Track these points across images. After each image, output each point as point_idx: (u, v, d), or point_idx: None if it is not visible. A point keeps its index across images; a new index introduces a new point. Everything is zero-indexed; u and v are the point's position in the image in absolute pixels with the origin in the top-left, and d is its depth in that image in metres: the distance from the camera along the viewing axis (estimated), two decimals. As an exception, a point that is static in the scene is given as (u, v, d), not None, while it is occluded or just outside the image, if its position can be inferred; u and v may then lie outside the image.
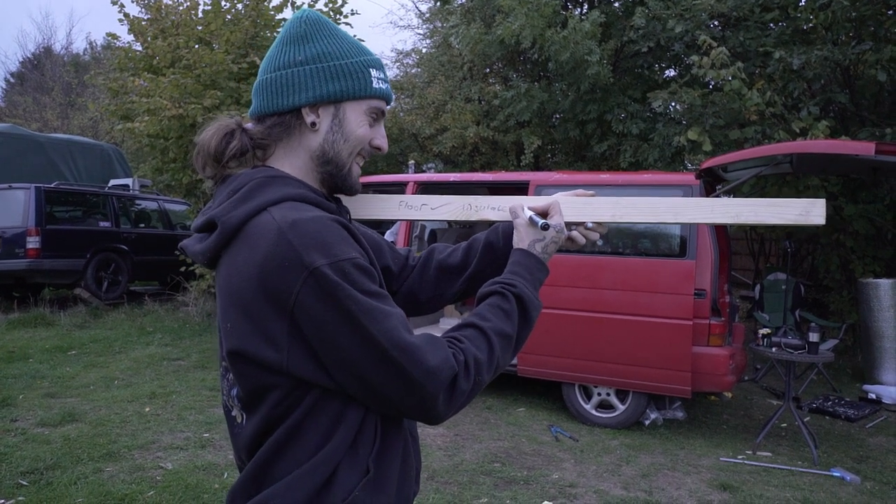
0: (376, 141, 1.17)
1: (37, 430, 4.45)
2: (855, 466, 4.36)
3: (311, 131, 1.12)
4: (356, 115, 1.12)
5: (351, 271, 0.96)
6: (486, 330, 1.08)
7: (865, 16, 6.63)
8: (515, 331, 1.12)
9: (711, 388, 4.75)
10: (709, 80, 7.18)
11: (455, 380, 1.00)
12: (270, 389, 1.00)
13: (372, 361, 0.96)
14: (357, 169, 1.17)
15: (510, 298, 1.14)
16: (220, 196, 1.08)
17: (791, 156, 4.71)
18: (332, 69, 1.10)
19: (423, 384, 0.97)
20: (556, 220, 1.25)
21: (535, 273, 1.21)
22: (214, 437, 4.45)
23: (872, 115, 7.36)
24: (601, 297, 4.94)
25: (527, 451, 4.45)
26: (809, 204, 1.22)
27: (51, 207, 9.10)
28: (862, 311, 6.62)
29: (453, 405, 1.01)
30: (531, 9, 8.17)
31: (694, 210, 1.29)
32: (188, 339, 7.76)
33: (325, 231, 0.98)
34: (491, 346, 1.07)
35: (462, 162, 11.15)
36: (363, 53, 1.14)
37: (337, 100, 1.11)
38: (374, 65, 1.14)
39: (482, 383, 1.05)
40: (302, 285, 0.94)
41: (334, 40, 1.13)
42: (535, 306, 1.17)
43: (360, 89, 1.11)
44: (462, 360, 1.02)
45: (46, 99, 23.54)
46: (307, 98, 1.10)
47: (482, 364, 1.04)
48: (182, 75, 8.11)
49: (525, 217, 1.25)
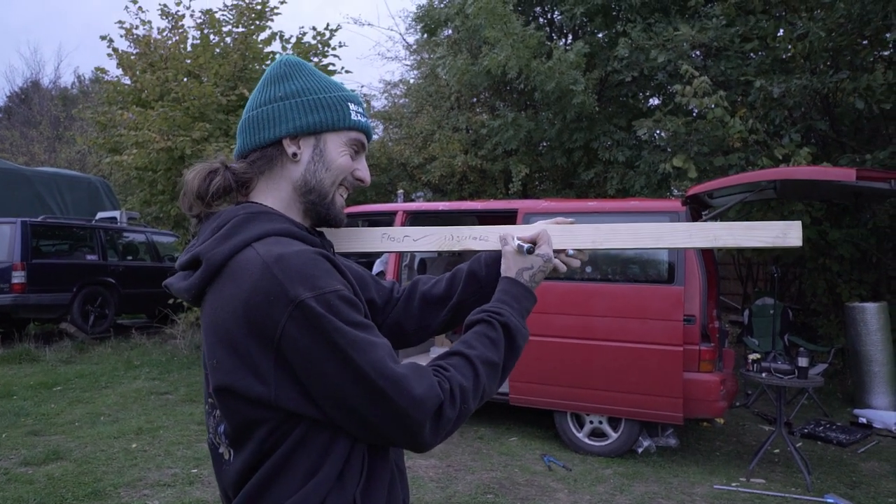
0: (358, 172, 1.19)
1: (20, 470, 4.36)
2: (849, 492, 4.34)
3: (293, 162, 1.14)
4: (336, 145, 1.15)
5: (336, 303, 0.97)
6: (472, 358, 1.09)
7: (841, 46, 6.80)
8: (502, 359, 1.13)
9: (703, 414, 4.74)
10: (692, 108, 7.31)
11: (441, 408, 1.01)
12: (259, 424, 1.00)
13: (359, 392, 0.97)
14: (340, 200, 1.19)
15: (496, 327, 1.15)
16: (205, 233, 1.09)
17: (775, 182, 4.78)
18: (311, 102, 1.14)
19: (409, 413, 0.97)
20: (545, 249, 1.26)
21: (522, 301, 1.22)
22: (203, 472, 4.37)
23: (852, 141, 7.49)
24: (591, 324, 4.94)
25: (520, 481, 4.40)
26: (786, 226, 1.24)
27: (37, 241, 9.02)
28: (850, 335, 6.66)
29: (440, 433, 1.02)
30: (516, 40, 8.31)
31: (674, 235, 1.30)
32: (176, 373, 7.67)
33: (309, 264, 0.99)
34: (477, 374, 1.07)
35: (451, 190, 11.21)
36: (341, 89, 1.19)
37: (317, 131, 1.14)
38: (352, 99, 1.18)
39: (468, 411, 1.06)
40: (288, 318, 0.94)
41: (313, 78, 1.18)
42: (522, 335, 1.18)
43: (338, 120, 1.15)
44: (448, 388, 1.03)
45: (34, 133, 23.51)
46: (287, 129, 1.13)
47: (468, 392, 1.05)
48: (171, 108, 8.15)
49: (514, 245, 1.26)
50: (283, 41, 9.79)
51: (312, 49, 9.72)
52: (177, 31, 9.60)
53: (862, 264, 7.70)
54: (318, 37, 9.76)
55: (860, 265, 7.69)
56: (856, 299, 7.19)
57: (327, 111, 1.14)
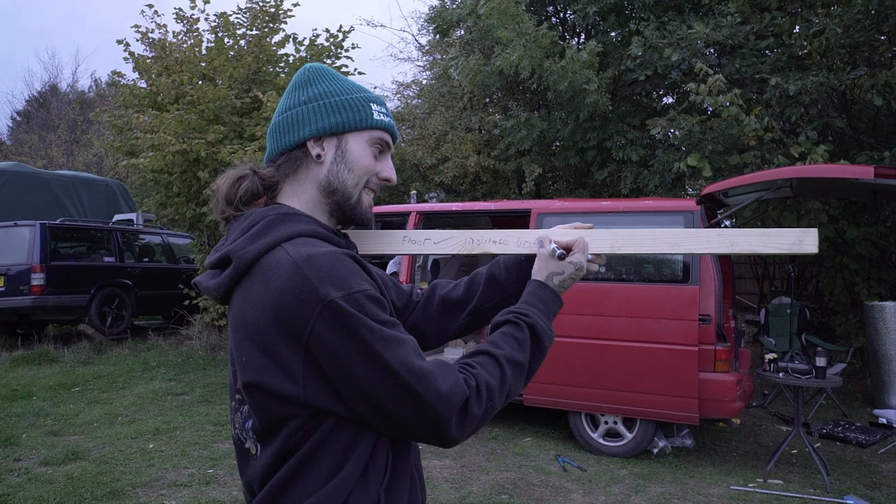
0: (384, 173, 1.20)
1: (40, 470, 4.42)
2: (868, 494, 4.29)
3: (317, 164, 1.16)
4: (359, 145, 1.17)
5: (364, 302, 1.00)
6: (499, 357, 1.11)
7: (859, 42, 6.72)
8: (528, 359, 1.15)
9: (719, 414, 4.70)
10: (706, 106, 7.24)
11: (467, 403, 1.03)
12: (287, 420, 1.03)
13: (386, 387, 0.99)
14: (367, 199, 1.20)
15: (523, 328, 1.16)
16: (234, 233, 1.12)
17: (791, 180, 4.74)
18: (333, 104, 1.16)
19: (436, 408, 0.99)
20: (578, 257, 1.27)
21: (549, 304, 1.24)
22: (219, 473, 4.41)
23: (870, 138, 7.40)
24: (606, 324, 4.92)
25: (534, 482, 4.40)
26: (802, 233, 1.24)
27: (55, 244, 9.14)
28: (868, 335, 6.58)
29: (466, 428, 1.04)
30: (529, 40, 8.30)
31: (691, 241, 1.31)
32: (192, 374, 7.73)
33: (338, 265, 1.01)
34: (503, 373, 1.10)
35: (464, 191, 11.21)
36: (364, 91, 1.21)
37: (339, 131, 1.16)
38: (374, 100, 1.20)
39: (494, 408, 1.08)
40: (317, 317, 0.97)
41: (336, 81, 1.21)
42: (548, 336, 1.20)
43: (360, 120, 1.17)
44: (474, 384, 1.05)
45: (52, 136, 23.78)
46: (310, 131, 1.15)
47: (494, 390, 1.07)
48: (186, 111, 8.22)
49: (549, 248, 1.28)
50: (297, 43, 9.84)
51: (326, 51, 9.76)
52: (192, 34, 9.68)
53: (880, 262, 7.61)
54: (332, 39, 9.80)
55: (878, 263, 7.59)
56: (874, 298, 7.10)
57: (348, 112, 1.16)
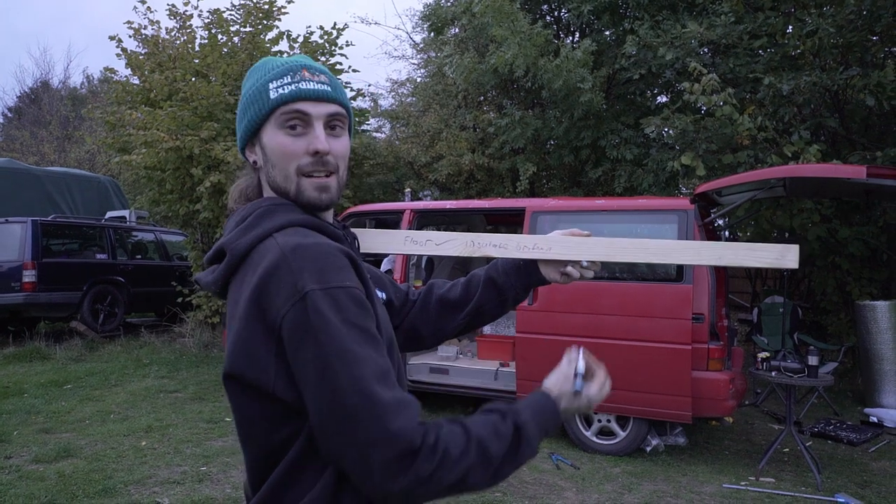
0: (310, 146, 1.06)
1: (31, 467, 4.39)
2: (859, 492, 4.32)
3: (260, 170, 1.14)
4: (270, 136, 1.08)
5: (342, 299, 0.94)
6: (472, 435, 0.98)
7: (852, 42, 6.74)
8: (499, 456, 0.99)
9: (712, 413, 4.72)
10: (700, 105, 7.27)
11: (414, 455, 0.90)
12: (260, 419, 0.99)
13: (330, 403, 0.91)
14: (307, 184, 1.08)
15: (509, 424, 1.03)
16: (229, 226, 1.12)
17: (784, 179, 4.76)
18: (243, 107, 1.12)
19: (373, 444, 0.89)
20: (593, 391, 1.16)
21: (546, 420, 1.10)
22: (212, 470, 4.39)
23: (863, 138, 7.44)
24: (599, 323, 4.93)
25: (528, 479, 4.40)
26: (785, 249, 1.34)
27: (47, 241, 9.09)
28: (860, 334, 6.61)
29: (401, 483, 0.90)
30: (524, 38, 8.29)
31: (682, 252, 1.41)
32: (185, 371, 7.70)
33: (324, 257, 0.97)
34: (467, 450, 0.96)
35: (458, 189, 11.21)
36: (268, 72, 1.10)
37: (253, 132, 1.11)
38: (275, 77, 1.08)
39: (441, 482, 0.92)
40: (291, 307, 0.93)
41: (252, 76, 1.14)
42: (530, 447, 1.05)
43: (259, 110, 1.08)
44: (432, 442, 0.92)
45: (44, 133, 23.65)
46: (240, 144, 1.16)
47: (451, 458, 0.93)
48: (179, 108, 8.19)
49: (573, 369, 1.17)
50: (291, 40, 9.82)
51: (320, 48, 9.75)
52: (185, 30, 9.65)
53: (872, 262, 7.65)
54: (326, 36, 9.79)
55: (870, 263, 7.64)
56: (866, 297, 7.14)
57: (249, 109, 1.10)
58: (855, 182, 4.55)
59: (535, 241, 1.39)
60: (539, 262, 1.40)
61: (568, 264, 1.38)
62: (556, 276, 1.40)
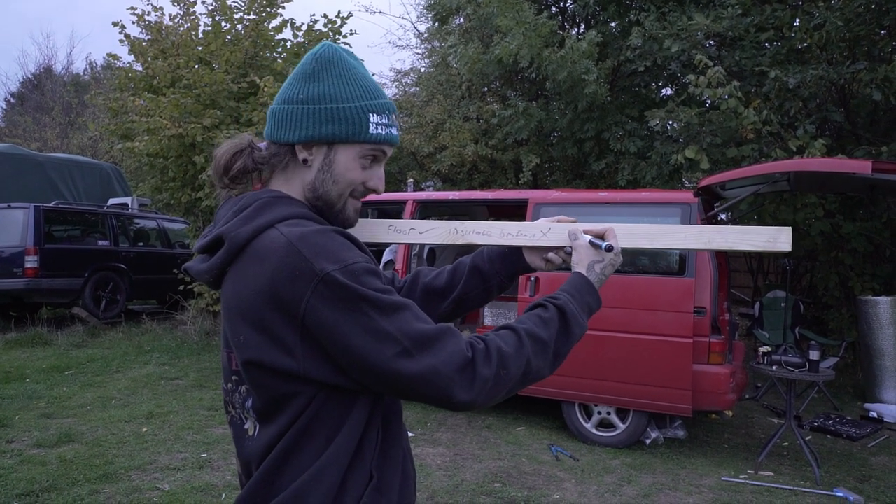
0: (371, 183, 1.18)
1: (33, 452, 4.41)
2: (858, 486, 4.33)
3: (305, 167, 1.15)
4: (347, 158, 1.13)
5: (360, 273, 1.01)
6: (518, 329, 1.11)
7: (859, 36, 6.70)
8: (552, 338, 1.13)
9: (712, 406, 4.73)
10: (705, 98, 7.23)
11: (471, 364, 1.02)
12: (290, 398, 1.03)
13: (386, 355, 0.99)
14: (352, 205, 1.18)
15: (550, 308, 1.17)
16: (226, 215, 1.12)
17: (789, 174, 4.74)
18: (329, 112, 1.11)
19: (437, 369, 0.99)
20: (615, 242, 1.31)
21: (584, 294, 1.24)
22: (212, 457, 4.41)
23: (868, 133, 7.40)
24: (601, 315, 4.83)
25: (527, 470, 4.41)
26: (777, 231, 1.28)
27: (49, 227, 9.09)
28: (861, 329, 6.61)
29: (475, 390, 1.02)
30: (529, 29, 8.25)
31: (668, 236, 1.38)
32: (186, 358, 7.72)
33: (331, 241, 1.02)
34: (520, 344, 1.09)
35: (461, 180, 11.19)
36: (367, 97, 1.14)
37: (329, 142, 1.12)
38: (376, 109, 1.14)
39: (510, 377, 1.06)
40: (313, 292, 0.97)
41: (340, 82, 1.13)
42: (578, 323, 1.19)
43: (353, 134, 1.12)
44: (482, 347, 1.05)
45: (46, 119, 23.63)
46: (300, 136, 1.13)
47: (507, 356, 1.06)
48: (182, 95, 8.17)
49: (584, 240, 1.31)
50: (295, 29, 9.77)
51: (323, 37, 9.70)
52: (188, 17, 9.60)
53: (875, 258, 7.64)
54: (330, 24, 9.74)
55: (873, 259, 7.62)
56: (868, 293, 7.13)
57: (343, 123, 1.11)
58: (860, 177, 4.53)
59: (520, 228, 1.38)
60: (523, 250, 1.41)
61: (551, 251, 1.38)
62: (540, 263, 1.41)
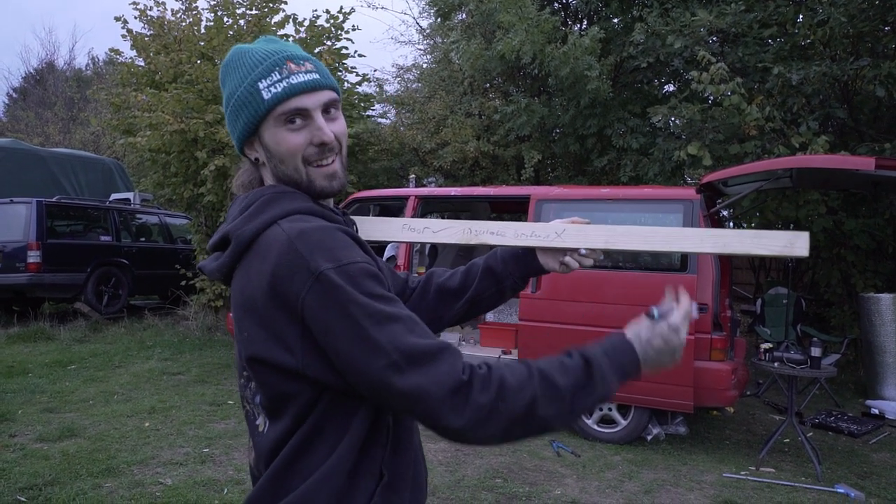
0: (314, 139, 1.09)
1: (35, 446, 4.43)
2: (859, 483, 4.33)
3: (262, 166, 1.16)
4: (271, 134, 1.09)
5: (357, 275, 0.98)
6: (531, 365, 1.02)
7: (863, 32, 6.68)
8: (569, 388, 1.01)
9: (713, 402, 4.73)
10: (708, 95, 7.21)
11: (465, 388, 0.95)
12: (292, 395, 1.03)
13: (375, 367, 0.95)
14: (317, 173, 1.11)
15: (574, 357, 1.05)
16: (233, 213, 1.13)
17: (791, 170, 4.73)
18: (234, 108, 1.11)
19: (426, 389, 0.94)
20: (673, 317, 1.13)
21: (619, 355, 1.09)
22: (214, 452, 4.42)
23: (871, 130, 7.38)
24: (602, 312, 4.92)
25: (528, 466, 4.42)
26: (794, 236, 1.26)
27: (52, 222, 9.11)
28: (863, 326, 6.61)
29: (466, 416, 0.94)
30: (531, 25, 8.23)
31: (685, 240, 1.34)
32: (188, 354, 7.74)
33: (330, 238, 1.01)
34: (529, 379, 0.99)
35: (463, 176, 11.18)
36: (252, 70, 1.09)
37: (250, 133, 1.12)
38: (262, 75, 1.08)
39: (508, 410, 0.96)
40: (308, 290, 0.96)
41: (235, 75, 1.11)
42: (604, 380, 1.04)
43: (254, 113, 1.08)
44: (482, 372, 0.98)
45: (48, 114, 23.62)
46: (237, 145, 1.16)
47: (508, 387, 0.97)
48: (184, 90, 8.16)
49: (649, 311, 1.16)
50: (297, 24, 9.75)
51: (326, 32, 9.68)
52: (190, 12, 9.60)
53: (878, 255, 7.62)
54: (332, 20, 9.71)
55: (876, 256, 7.61)
56: (870, 290, 7.13)
57: (244, 111, 1.09)
58: (863, 174, 4.52)
59: (534, 229, 1.37)
60: (537, 251, 1.39)
61: (566, 253, 1.36)
62: (555, 265, 1.39)
